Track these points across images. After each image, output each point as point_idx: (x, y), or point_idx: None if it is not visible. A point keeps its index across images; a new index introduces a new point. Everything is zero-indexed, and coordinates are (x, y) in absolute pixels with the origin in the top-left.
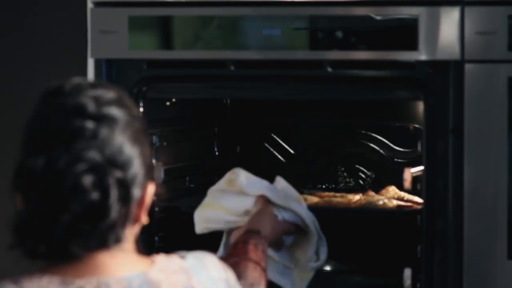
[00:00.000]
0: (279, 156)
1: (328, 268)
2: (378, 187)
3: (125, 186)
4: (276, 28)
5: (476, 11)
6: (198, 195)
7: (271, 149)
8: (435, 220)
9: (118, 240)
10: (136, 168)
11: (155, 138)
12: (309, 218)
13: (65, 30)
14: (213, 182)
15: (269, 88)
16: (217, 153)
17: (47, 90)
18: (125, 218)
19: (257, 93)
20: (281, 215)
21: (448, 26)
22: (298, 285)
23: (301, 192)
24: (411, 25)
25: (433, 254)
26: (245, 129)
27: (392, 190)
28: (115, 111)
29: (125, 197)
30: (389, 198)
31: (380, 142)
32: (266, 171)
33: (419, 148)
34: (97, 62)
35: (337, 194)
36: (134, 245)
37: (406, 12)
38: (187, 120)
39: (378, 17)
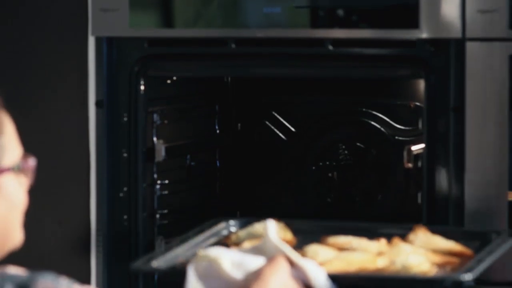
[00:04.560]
0: (280, 134)
1: None
2: (379, 165)
3: None
4: (277, 6)
5: None
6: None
7: (272, 127)
8: (436, 198)
9: None
10: None
11: (156, 116)
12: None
13: (66, 8)
14: (214, 160)
15: (270, 66)
16: (218, 131)
17: None
18: None
19: (258, 71)
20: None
21: (449, 4)
22: None
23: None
24: (412, 3)
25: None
26: (246, 107)
27: (423, 235)
28: None
29: None
30: (424, 255)
31: (381, 120)
32: (267, 149)
33: (420, 126)
34: (98, 40)
35: (354, 242)
36: None
37: None
38: (188, 98)
39: None
